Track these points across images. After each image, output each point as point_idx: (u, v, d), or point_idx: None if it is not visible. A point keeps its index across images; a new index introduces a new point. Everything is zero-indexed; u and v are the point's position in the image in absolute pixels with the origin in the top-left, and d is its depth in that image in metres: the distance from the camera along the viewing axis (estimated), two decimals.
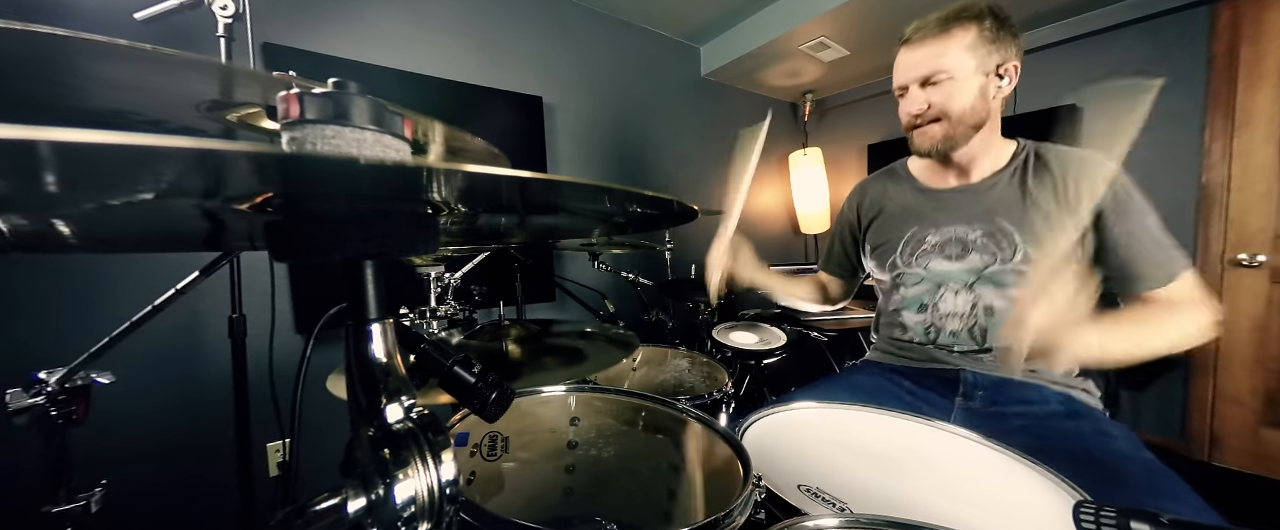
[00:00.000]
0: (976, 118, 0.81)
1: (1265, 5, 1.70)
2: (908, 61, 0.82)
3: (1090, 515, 0.36)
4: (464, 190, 0.29)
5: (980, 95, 0.79)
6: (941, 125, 0.81)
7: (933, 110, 0.80)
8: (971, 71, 0.78)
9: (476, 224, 0.58)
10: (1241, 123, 1.76)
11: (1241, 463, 1.80)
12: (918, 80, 0.81)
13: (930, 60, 0.79)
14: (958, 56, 0.77)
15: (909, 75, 0.82)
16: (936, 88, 0.80)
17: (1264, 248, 1.74)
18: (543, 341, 0.85)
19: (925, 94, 0.80)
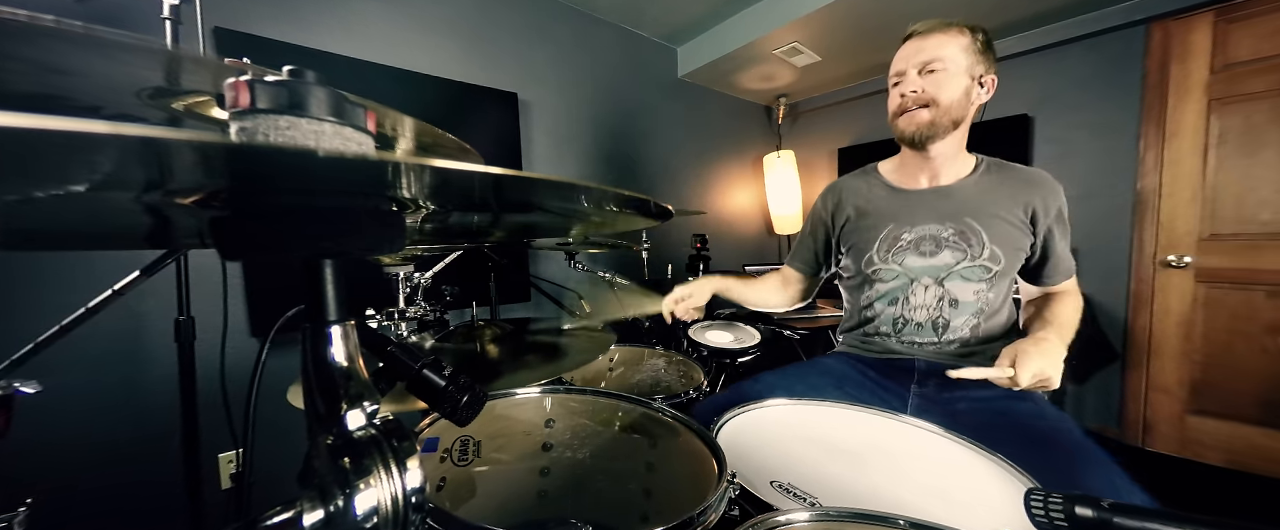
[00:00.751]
0: (958, 113, 0.88)
1: (1192, 26, 1.85)
2: (911, 50, 0.89)
3: (1039, 502, 0.38)
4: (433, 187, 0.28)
5: (964, 94, 0.87)
6: (929, 111, 0.88)
7: (925, 95, 0.87)
8: (963, 69, 0.86)
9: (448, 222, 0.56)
10: (1171, 134, 1.91)
11: (1170, 448, 1.96)
12: (918, 66, 0.88)
13: (933, 49, 0.86)
14: (955, 52, 0.86)
15: (910, 61, 0.89)
16: (932, 76, 0.87)
17: (1190, 250, 1.90)
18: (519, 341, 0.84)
19: (922, 80, 0.87)
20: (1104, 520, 0.36)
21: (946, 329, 0.91)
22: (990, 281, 0.89)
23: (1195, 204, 1.88)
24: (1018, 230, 0.88)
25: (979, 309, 0.90)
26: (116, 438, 1.25)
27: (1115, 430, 2.08)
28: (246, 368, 0.44)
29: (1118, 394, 2.07)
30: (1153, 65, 1.94)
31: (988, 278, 0.89)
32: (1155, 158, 1.95)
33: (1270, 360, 1.76)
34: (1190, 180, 1.89)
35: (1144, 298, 2.00)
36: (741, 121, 3.14)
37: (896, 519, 0.46)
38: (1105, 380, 2.10)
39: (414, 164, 0.23)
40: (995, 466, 0.62)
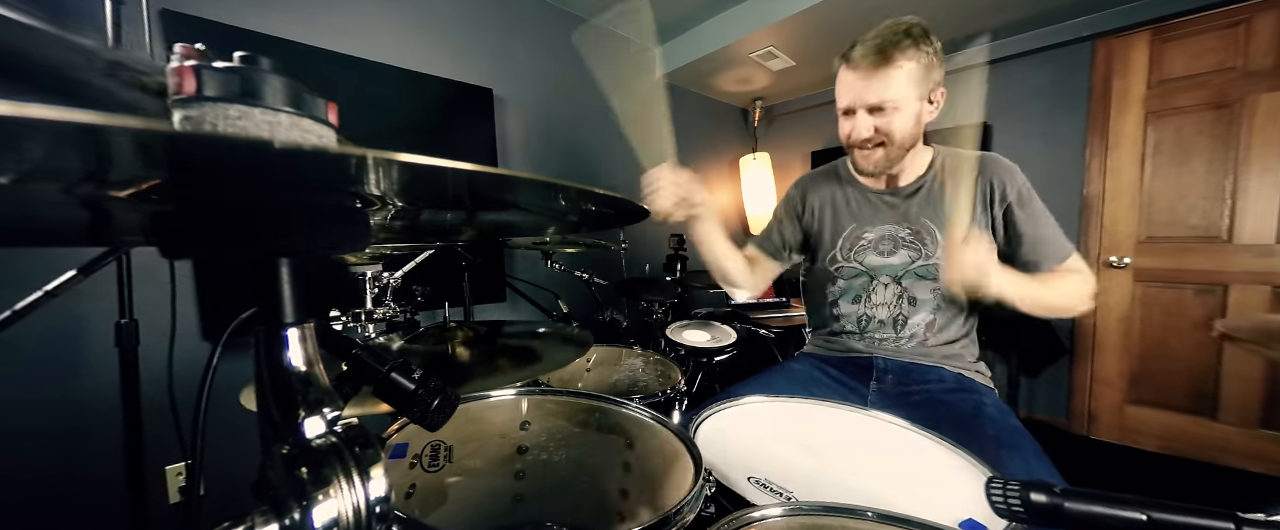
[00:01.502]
0: (912, 141, 0.88)
1: (1131, 44, 2.00)
2: (856, 87, 0.84)
3: (998, 489, 0.40)
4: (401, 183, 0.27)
5: (916, 121, 0.86)
6: (884, 149, 0.87)
7: (877, 135, 0.86)
8: (912, 99, 0.84)
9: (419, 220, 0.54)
10: (1113, 144, 2.06)
11: (1112, 436, 2.11)
12: (866, 106, 0.85)
13: (879, 90, 0.82)
14: (903, 88, 0.82)
15: (858, 100, 0.85)
16: (882, 115, 0.84)
17: (1129, 251, 2.04)
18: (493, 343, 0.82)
19: (872, 120, 0.85)
20: (1056, 505, 0.38)
21: (904, 326, 0.95)
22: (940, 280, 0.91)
23: (1134, 209, 2.03)
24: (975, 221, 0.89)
25: (936, 306, 0.93)
26: (51, 451, 1.15)
27: (1064, 420, 2.22)
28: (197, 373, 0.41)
29: (1066, 386, 2.21)
30: (1098, 79, 2.07)
31: (940, 275, 0.90)
32: (1099, 165, 2.09)
33: (1197, 353, 1.91)
34: (1129, 187, 2.03)
35: None
36: (718, 123, 3.17)
37: (865, 511, 0.48)
38: (1055, 374, 2.24)
39: (380, 159, 0.22)
40: (955, 457, 0.65)
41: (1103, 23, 2.02)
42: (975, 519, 0.52)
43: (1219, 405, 1.87)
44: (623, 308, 1.80)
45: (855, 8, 1.90)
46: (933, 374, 0.91)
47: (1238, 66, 1.80)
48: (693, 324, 1.88)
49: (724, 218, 3.25)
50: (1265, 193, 1.77)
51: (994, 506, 0.41)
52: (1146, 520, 0.35)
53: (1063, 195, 2.18)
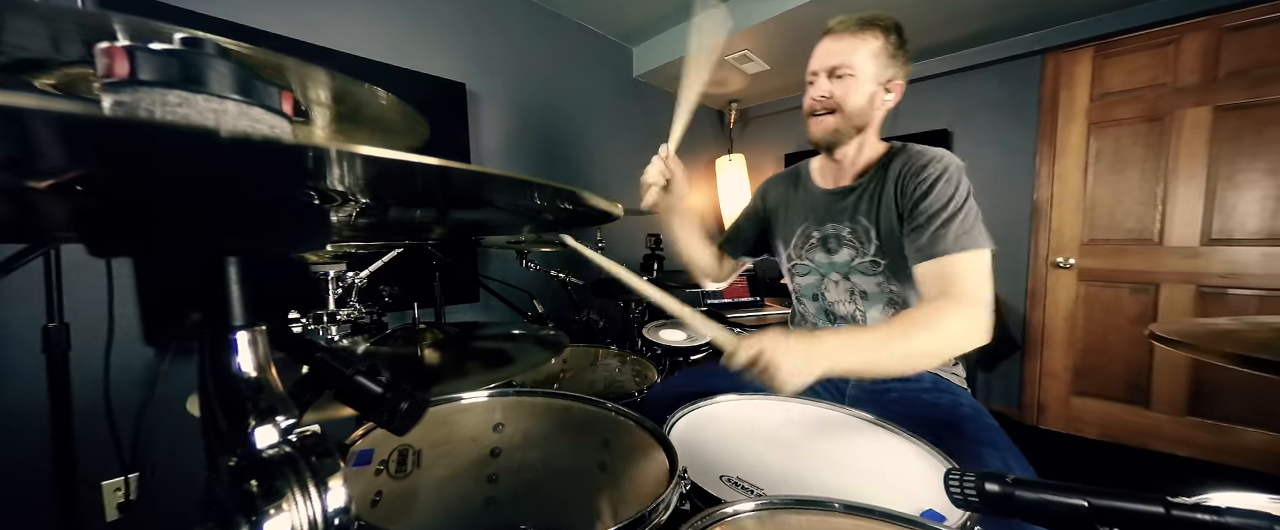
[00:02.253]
0: (862, 119, 0.89)
1: (1077, 59, 2.14)
2: (824, 50, 0.89)
3: (956, 480, 0.42)
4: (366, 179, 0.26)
5: (869, 101, 0.88)
6: (835, 117, 0.89)
7: (832, 100, 0.88)
8: (871, 76, 0.86)
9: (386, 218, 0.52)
10: (1060, 152, 2.20)
11: (1059, 425, 2.25)
12: (827, 69, 0.88)
13: (842, 54, 0.86)
14: (863, 58, 0.85)
15: (822, 63, 0.88)
16: (840, 81, 0.87)
17: (1074, 253, 2.19)
18: (465, 345, 0.80)
19: (830, 84, 0.88)
20: (1008, 494, 0.40)
21: (865, 321, 0.96)
22: (885, 274, 0.91)
23: (1078, 213, 2.17)
24: (898, 215, 0.87)
25: (888, 299, 0.93)
26: None
27: (1016, 412, 2.35)
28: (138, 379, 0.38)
29: (1018, 380, 2.35)
30: (1047, 91, 2.21)
31: (879, 271, 0.92)
32: (1048, 172, 2.23)
33: (1133, 348, 2.07)
34: (1074, 193, 2.18)
35: (1038, 294, 2.28)
36: (695, 124, 3.18)
37: (831, 503, 0.49)
38: (1009, 368, 2.37)
39: (343, 153, 0.21)
40: (921, 450, 0.68)
41: (1051, 38, 2.16)
42: (935, 509, 0.54)
43: (1151, 396, 2.03)
44: (599, 308, 1.79)
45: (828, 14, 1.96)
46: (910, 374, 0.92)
47: (1168, 82, 1.95)
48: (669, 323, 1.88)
49: (700, 216, 3.29)
50: (1191, 199, 1.93)
51: (951, 497, 0.43)
52: (1088, 506, 0.38)
53: (1016, 200, 2.31)
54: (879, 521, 0.48)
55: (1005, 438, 0.75)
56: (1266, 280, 1.81)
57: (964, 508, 0.43)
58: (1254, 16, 1.77)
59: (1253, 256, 1.83)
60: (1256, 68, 1.78)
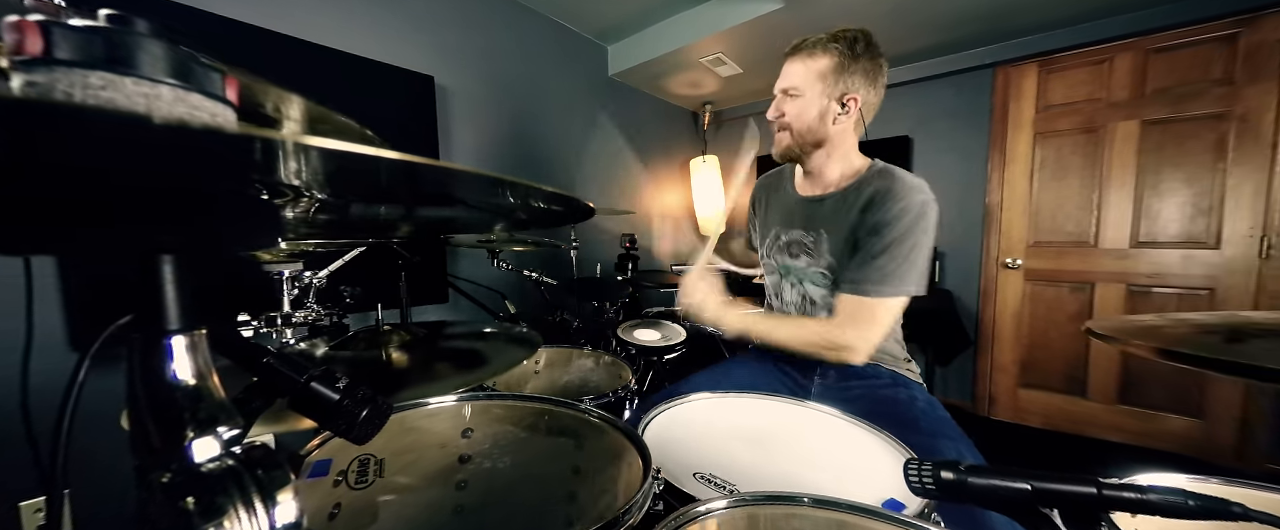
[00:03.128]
0: (814, 137, 0.92)
1: (1024, 72, 2.29)
2: (782, 72, 0.95)
3: (914, 469, 0.45)
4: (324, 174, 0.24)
5: (820, 117, 0.90)
6: (786, 134, 0.95)
7: (784, 118, 0.94)
8: (816, 95, 0.89)
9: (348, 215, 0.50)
10: (1009, 159, 2.35)
11: (1007, 416, 2.40)
12: (781, 90, 0.94)
13: (791, 76, 0.91)
14: (807, 79, 0.89)
15: (779, 84, 0.94)
16: (790, 100, 0.92)
17: (1021, 254, 2.34)
18: (433, 347, 0.77)
19: (782, 103, 0.93)
20: (961, 480, 0.43)
21: None
22: (830, 287, 0.95)
23: (1025, 217, 2.33)
24: (851, 236, 0.90)
25: (827, 308, 0.96)
26: None
27: (970, 404, 2.49)
28: (61, 390, 0.35)
29: (971, 374, 2.49)
30: (998, 102, 2.35)
31: (827, 283, 0.95)
32: (999, 178, 2.37)
33: (1071, 343, 2.23)
34: (1021, 198, 2.33)
35: (990, 293, 2.42)
36: (670, 125, 3.22)
37: (800, 497, 0.51)
38: (963, 363, 2.51)
39: (292, 143, 0.19)
40: (883, 443, 0.70)
41: (1001, 53, 2.30)
42: (896, 498, 0.56)
43: (1088, 386, 2.20)
44: (573, 308, 1.77)
45: (797, 22, 2.01)
46: (869, 370, 0.96)
47: (1103, 97, 2.12)
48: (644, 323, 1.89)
49: (675, 219, 3.30)
50: (1121, 205, 2.10)
51: (910, 486, 0.45)
52: (1031, 489, 0.41)
53: (971, 204, 2.45)
54: (845, 513, 0.50)
55: (957, 428, 0.81)
56: (1184, 279, 1.99)
57: (922, 495, 0.45)
58: (1175, 40, 1.95)
59: (1173, 258, 2.01)
60: (1177, 86, 1.96)
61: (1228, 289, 1.91)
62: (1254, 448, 1.86)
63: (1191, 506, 0.36)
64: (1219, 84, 1.88)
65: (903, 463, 0.45)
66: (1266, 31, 1.79)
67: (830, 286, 0.95)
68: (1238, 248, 1.88)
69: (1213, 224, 1.92)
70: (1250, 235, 1.86)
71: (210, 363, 0.23)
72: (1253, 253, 1.86)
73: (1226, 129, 1.87)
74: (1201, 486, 0.57)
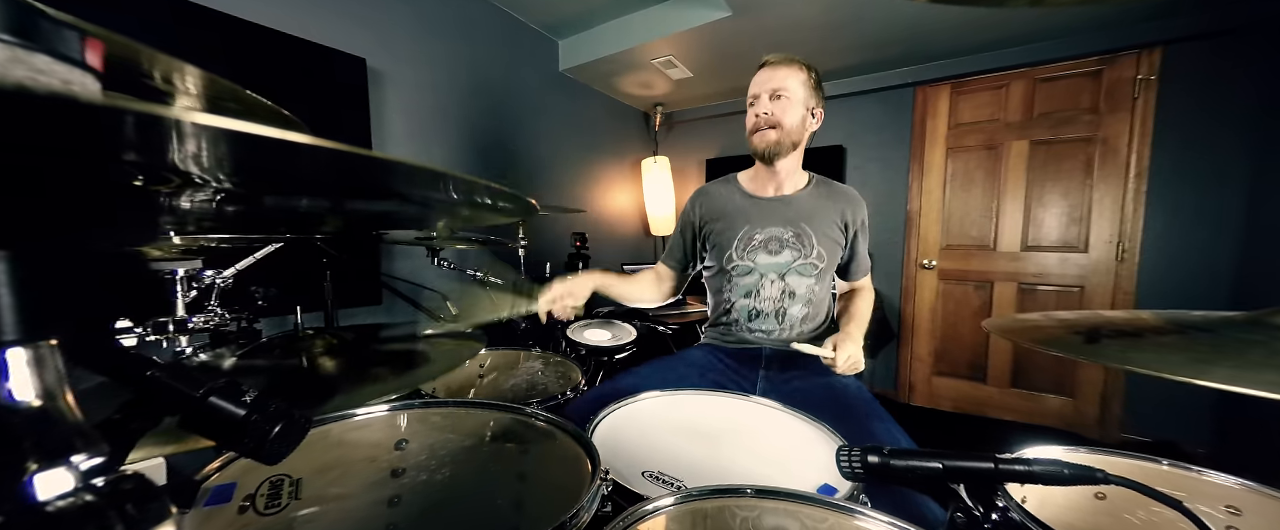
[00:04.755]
0: (796, 136, 1.06)
1: (939, 93, 2.55)
2: (765, 78, 1.05)
3: (845, 455, 0.48)
4: (223, 158, 0.21)
5: (802, 121, 1.06)
6: (776, 131, 1.04)
7: (773, 117, 1.04)
8: (801, 100, 1.04)
9: (261, 206, 0.45)
10: (926, 171, 2.61)
11: (923, 401, 2.67)
12: (769, 92, 1.04)
13: (782, 79, 1.03)
14: (797, 85, 1.04)
15: (764, 87, 1.05)
16: (779, 101, 1.04)
17: (936, 255, 2.61)
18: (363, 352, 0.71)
19: (772, 104, 1.04)
20: (885, 463, 0.47)
21: (785, 317, 1.09)
22: (817, 277, 1.08)
23: (939, 223, 2.59)
24: (836, 234, 1.09)
25: (808, 300, 1.09)
26: None
27: (893, 392, 2.74)
28: None
29: (894, 364, 2.74)
30: (917, 118, 2.61)
31: (815, 274, 1.08)
32: (918, 187, 2.62)
33: (974, 335, 2.53)
34: (936, 206, 2.60)
35: (910, 291, 2.68)
36: (622, 124, 3.22)
37: (744, 489, 0.52)
38: (888, 354, 2.76)
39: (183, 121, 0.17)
40: (821, 432, 0.75)
41: (921, 73, 2.55)
42: (830, 483, 0.60)
43: (987, 373, 2.49)
44: None
45: (745, 31, 2.10)
46: (811, 362, 1.03)
47: (1001, 119, 2.42)
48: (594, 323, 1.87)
49: (626, 218, 3.31)
50: (1014, 214, 2.41)
51: (841, 470, 0.48)
52: (942, 467, 0.45)
53: (895, 210, 2.69)
54: (784, 501, 0.52)
55: (884, 410, 0.88)
56: (1061, 278, 2.32)
57: (851, 479, 0.48)
58: (1056, 71, 2.27)
59: (1053, 260, 2.34)
60: (1057, 112, 2.28)
61: (1093, 286, 2.25)
62: (1110, 420, 2.21)
63: (1066, 474, 0.42)
64: (1088, 112, 2.21)
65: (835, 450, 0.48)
66: (1123, 69, 2.13)
67: (816, 277, 1.08)
68: (1101, 251, 2.23)
69: (1083, 231, 2.26)
70: (1110, 241, 2.21)
71: (64, 379, 0.19)
72: (1111, 256, 2.21)
73: (1093, 151, 2.21)
74: (1074, 456, 0.66)
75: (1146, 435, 2.14)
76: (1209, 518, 0.35)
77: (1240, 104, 1.91)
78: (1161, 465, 0.64)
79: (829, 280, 1.14)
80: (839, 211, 1.09)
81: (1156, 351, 0.30)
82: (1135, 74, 2.10)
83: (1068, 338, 0.35)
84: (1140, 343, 0.32)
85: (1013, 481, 0.45)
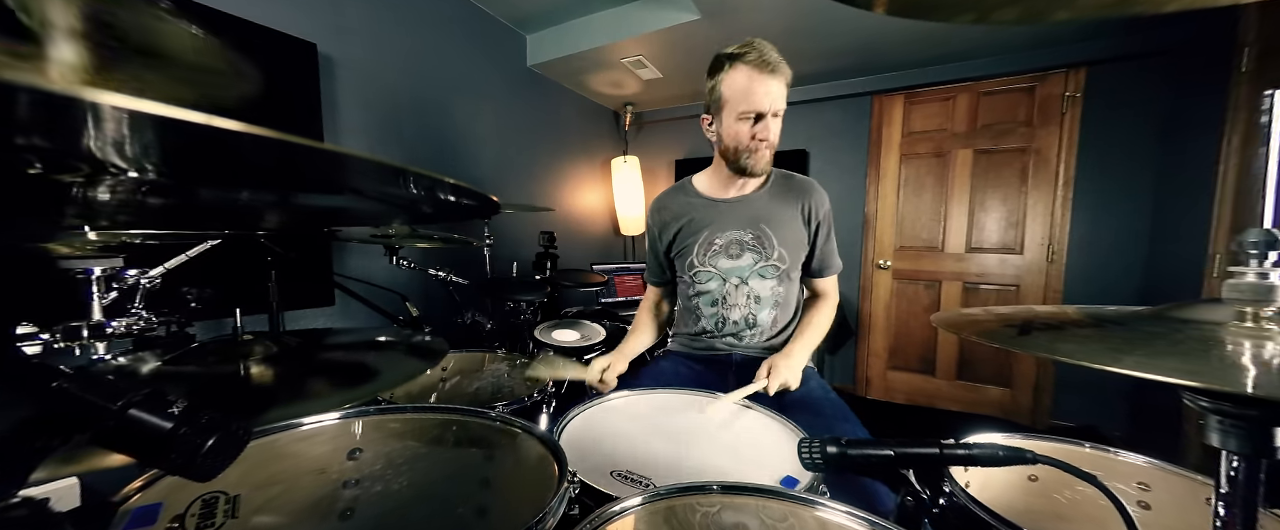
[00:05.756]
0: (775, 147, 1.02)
1: (894, 102, 2.70)
2: (773, 92, 0.93)
3: (805, 448, 0.50)
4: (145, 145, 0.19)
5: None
6: (771, 151, 1.00)
7: (773, 140, 0.98)
8: (783, 111, 0.99)
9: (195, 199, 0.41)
10: (882, 176, 2.75)
11: (879, 395, 2.82)
12: (774, 111, 0.95)
13: (780, 96, 0.95)
14: (784, 98, 0.96)
15: (773, 105, 0.94)
16: (777, 120, 0.97)
17: (890, 256, 2.76)
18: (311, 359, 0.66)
19: (775, 123, 0.96)
20: (843, 453, 0.49)
21: (754, 324, 1.07)
22: (780, 278, 1.05)
23: (893, 225, 2.74)
24: (798, 231, 1.05)
25: (775, 302, 1.07)
26: None
27: (852, 387, 2.87)
28: None
29: (852, 360, 2.87)
30: (874, 125, 2.74)
31: (778, 275, 1.04)
32: (875, 191, 2.76)
33: (924, 331, 2.69)
34: (891, 209, 2.74)
35: (867, 290, 2.81)
36: (591, 123, 3.19)
37: (711, 485, 0.53)
38: (847, 351, 2.89)
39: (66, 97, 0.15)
40: (783, 427, 0.77)
41: (877, 83, 2.68)
42: (792, 475, 0.62)
43: (936, 367, 2.66)
44: (486, 309, 1.66)
45: (714, 34, 2.13)
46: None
47: (948, 128, 2.58)
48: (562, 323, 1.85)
49: (595, 217, 3.29)
50: (960, 218, 2.58)
51: (802, 462, 0.50)
52: (894, 454, 0.48)
53: (853, 212, 2.81)
54: (749, 496, 0.53)
55: (850, 411, 0.91)
56: (1000, 278, 2.51)
57: (812, 470, 0.50)
58: (997, 86, 2.45)
59: (993, 261, 2.52)
60: (997, 123, 2.47)
61: (1027, 285, 2.45)
62: (1042, 408, 2.41)
63: (1001, 456, 0.45)
64: (1023, 124, 2.40)
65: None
66: (1053, 86, 2.33)
67: (779, 278, 1.05)
68: (1034, 253, 2.43)
69: (1018, 235, 2.45)
70: (1042, 244, 2.41)
71: None
72: (1043, 258, 2.41)
73: (1028, 160, 2.40)
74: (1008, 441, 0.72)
75: (1072, 421, 2.35)
76: (1123, 493, 0.38)
77: (1149, 121, 2.13)
78: (1084, 448, 0.71)
79: (796, 280, 1.11)
80: (799, 205, 1.05)
81: (1078, 342, 0.33)
82: (1063, 91, 2.30)
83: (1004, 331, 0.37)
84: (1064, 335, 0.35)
85: (956, 465, 0.48)
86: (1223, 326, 0.32)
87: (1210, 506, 0.61)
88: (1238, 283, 0.34)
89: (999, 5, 0.34)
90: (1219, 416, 0.30)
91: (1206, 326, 0.32)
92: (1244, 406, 0.29)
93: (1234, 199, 1.53)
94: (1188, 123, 1.91)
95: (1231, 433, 0.30)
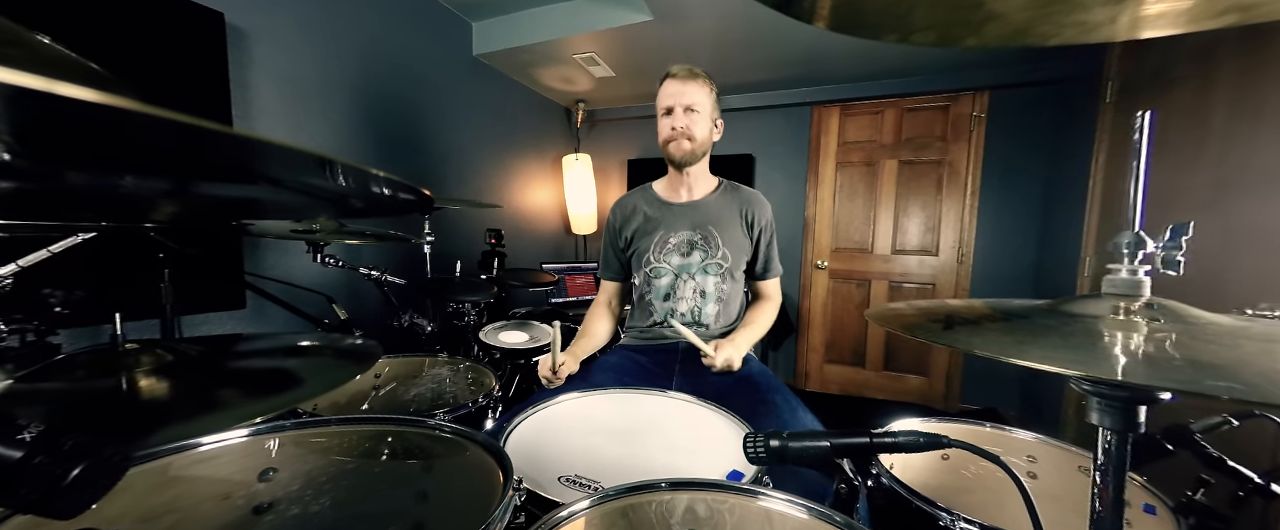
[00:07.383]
0: (704, 147, 1.14)
1: (830, 113, 2.89)
2: (676, 90, 1.10)
3: (750, 442, 0.52)
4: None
5: (708, 133, 1.14)
6: (691, 142, 1.11)
7: (687, 129, 1.10)
8: (707, 114, 1.12)
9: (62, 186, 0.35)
10: (820, 182, 2.94)
11: (816, 387, 3.01)
12: (683, 106, 1.10)
13: (692, 93, 1.10)
14: (703, 98, 1.10)
15: (677, 100, 1.10)
16: (691, 114, 1.10)
17: (827, 257, 2.96)
18: (215, 369, 0.58)
19: (685, 117, 1.10)
20: (784, 446, 0.51)
21: (700, 316, 1.15)
22: (723, 275, 1.14)
23: (830, 228, 2.94)
24: (740, 235, 1.16)
25: (718, 298, 1.15)
26: None
27: (793, 380, 3.05)
28: None
29: (793, 355, 3.05)
30: (814, 134, 2.92)
31: (721, 272, 1.14)
32: (814, 196, 2.95)
33: (856, 326, 2.91)
34: (828, 213, 2.94)
35: (806, 288, 3.00)
36: (542, 118, 3.11)
37: (659, 483, 0.54)
38: (788, 347, 3.05)
39: None
40: (732, 422, 0.80)
41: (816, 95, 2.87)
42: (738, 469, 0.65)
43: (866, 359, 2.89)
44: (427, 311, 1.56)
45: (665, 36, 2.16)
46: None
47: (877, 140, 2.81)
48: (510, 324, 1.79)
49: (545, 215, 3.21)
50: (887, 222, 2.83)
51: (747, 456, 0.52)
52: (830, 445, 0.51)
53: (795, 216, 2.98)
54: (697, 491, 0.55)
55: (799, 400, 0.98)
56: (919, 277, 2.78)
57: (756, 463, 0.52)
58: (918, 103, 2.70)
59: (914, 262, 2.78)
60: (918, 137, 2.73)
61: (942, 284, 2.73)
62: (952, 394, 2.70)
63: (921, 442, 0.50)
64: (939, 139, 2.68)
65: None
66: (963, 106, 2.61)
67: (722, 275, 1.14)
68: (947, 255, 2.71)
69: (934, 238, 2.73)
70: (953, 246, 2.69)
71: None
72: (954, 259, 2.70)
73: (942, 172, 2.68)
74: (926, 426, 0.79)
75: (977, 404, 2.66)
76: (1016, 466, 0.44)
77: (1039, 140, 2.46)
78: (986, 428, 0.80)
79: (739, 278, 1.20)
80: (742, 212, 1.16)
81: (990, 336, 0.37)
82: (971, 111, 2.59)
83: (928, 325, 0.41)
84: (980, 329, 0.39)
85: (883, 452, 0.52)
86: (1102, 319, 0.37)
87: (1083, 474, 0.71)
88: (1114, 279, 0.40)
89: (919, 29, 0.39)
90: (1098, 398, 0.35)
91: (1089, 320, 0.37)
92: (1117, 389, 0.34)
93: (1101, 208, 1.81)
94: (1068, 142, 2.23)
95: (1107, 412, 0.35)
